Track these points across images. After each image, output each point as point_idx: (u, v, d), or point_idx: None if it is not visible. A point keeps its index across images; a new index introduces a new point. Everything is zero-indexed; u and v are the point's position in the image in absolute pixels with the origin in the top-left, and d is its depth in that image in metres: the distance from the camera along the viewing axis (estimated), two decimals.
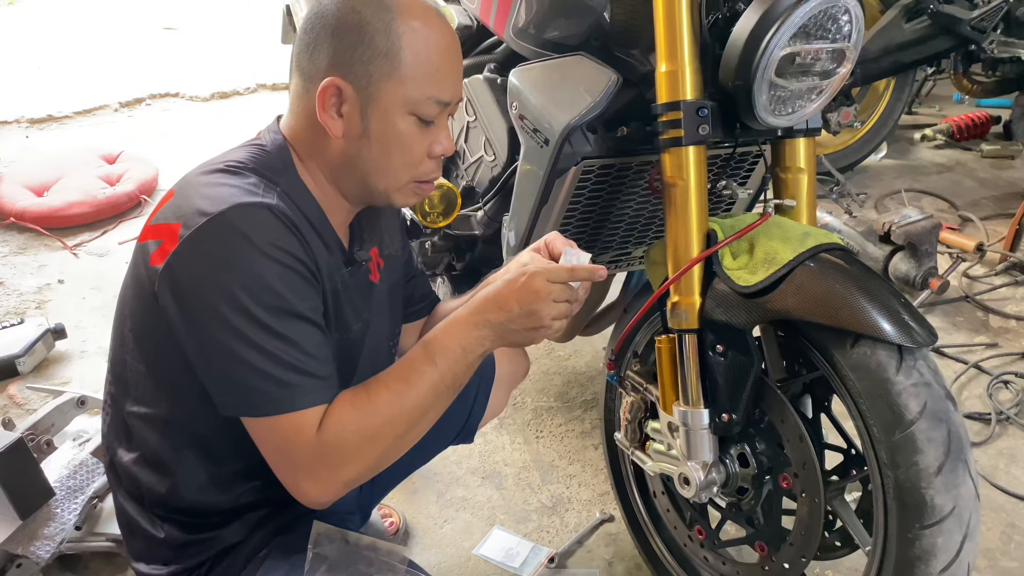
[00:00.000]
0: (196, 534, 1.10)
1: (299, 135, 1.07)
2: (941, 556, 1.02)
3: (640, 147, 1.39)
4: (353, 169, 1.07)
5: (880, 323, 1.03)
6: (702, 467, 1.23)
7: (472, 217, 1.74)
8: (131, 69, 5.34)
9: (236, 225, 0.93)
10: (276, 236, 0.95)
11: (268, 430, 0.96)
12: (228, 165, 1.02)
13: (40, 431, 1.81)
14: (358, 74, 1.00)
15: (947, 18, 2.47)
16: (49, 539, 1.56)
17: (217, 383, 0.96)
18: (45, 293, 2.84)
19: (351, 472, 0.99)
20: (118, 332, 1.08)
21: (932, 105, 4.45)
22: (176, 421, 1.06)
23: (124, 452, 1.10)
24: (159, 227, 0.97)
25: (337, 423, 0.97)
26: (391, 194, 1.10)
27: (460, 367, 1.04)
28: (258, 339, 0.93)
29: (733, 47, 1.12)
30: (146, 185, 3.56)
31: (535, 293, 1.03)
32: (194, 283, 0.93)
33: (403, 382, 1.02)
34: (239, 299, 0.92)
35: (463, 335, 1.04)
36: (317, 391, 0.97)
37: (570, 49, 1.40)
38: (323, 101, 1.01)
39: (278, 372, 0.94)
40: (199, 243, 0.93)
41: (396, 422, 1.01)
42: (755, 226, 1.17)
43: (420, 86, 1.02)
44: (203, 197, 0.96)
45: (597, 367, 2.34)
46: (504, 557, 1.70)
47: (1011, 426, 2.03)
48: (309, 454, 0.96)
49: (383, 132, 1.03)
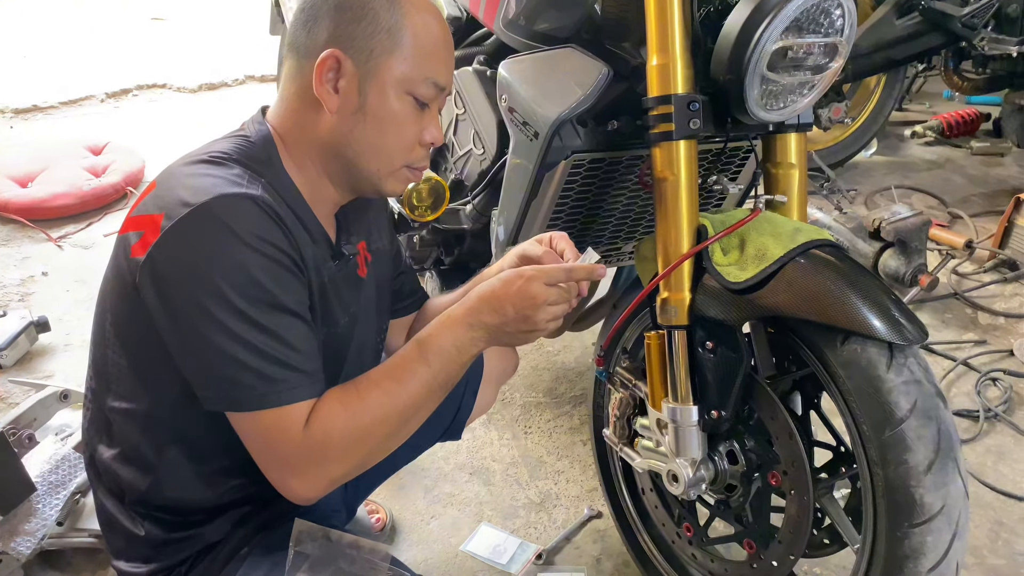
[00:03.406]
0: (177, 532, 1.08)
1: (288, 119, 1.06)
2: (930, 554, 1.02)
3: (630, 141, 1.38)
4: (345, 148, 1.05)
5: (870, 320, 1.02)
6: (691, 464, 1.22)
7: (461, 211, 1.72)
8: (118, 60, 5.30)
9: (219, 216, 0.91)
10: (260, 227, 0.93)
11: (253, 425, 0.95)
12: (211, 156, 1.00)
13: (22, 425, 1.79)
14: (359, 48, 0.99)
15: (938, 15, 2.47)
16: (30, 535, 1.54)
17: (201, 377, 0.95)
18: (28, 285, 2.80)
19: (339, 470, 0.98)
20: (99, 326, 1.06)
21: (922, 102, 4.46)
22: (158, 416, 1.04)
23: (104, 448, 1.08)
24: (141, 218, 0.95)
25: (325, 420, 0.95)
26: (382, 178, 1.09)
27: (453, 367, 1.03)
28: (242, 332, 0.91)
29: (725, 41, 1.10)
30: (132, 177, 3.52)
31: (532, 298, 1.02)
32: (176, 275, 0.91)
33: (395, 381, 1.01)
34: (222, 291, 0.90)
35: (457, 335, 1.03)
36: (303, 386, 0.95)
37: (560, 41, 1.39)
38: (321, 74, 0.99)
39: (263, 366, 0.92)
40: (181, 234, 0.90)
41: (386, 421, 0.99)
42: (746, 222, 1.17)
43: (419, 66, 1.02)
44: (186, 188, 0.94)
45: (586, 363, 2.34)
46: (491, 554, 1.69)
47: (999, 423, 2.04)
48: (296, 451, 0.94)
49: (379, 108, 1.02)
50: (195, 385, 0.96)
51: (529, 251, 1.16)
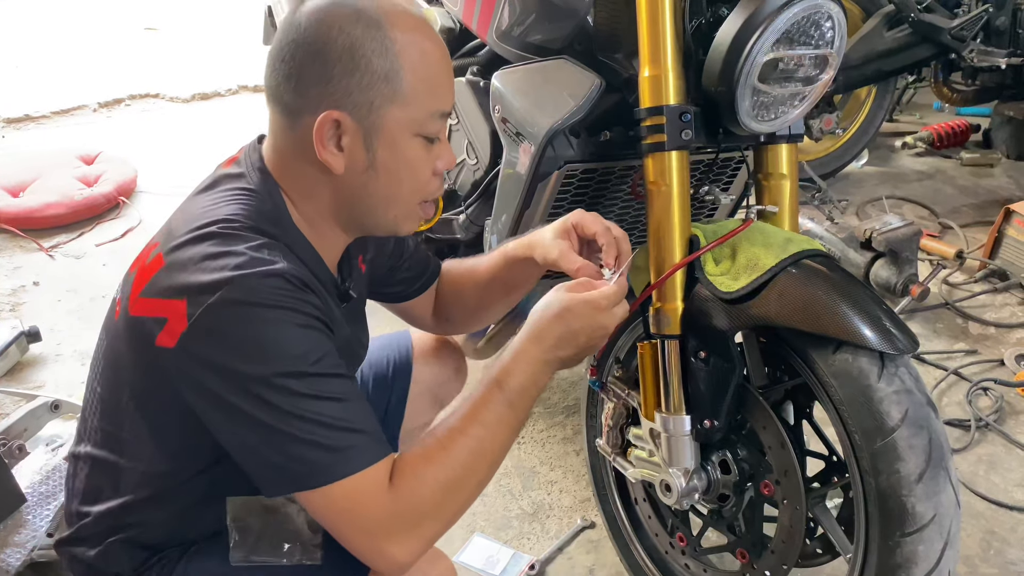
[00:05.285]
0: (145, 563, 1.06)
1: (290, 175, 0.99)
2: (922, 564, 1.02)
3: (623, 152, 1.38)
4: (359, 203, 1.00)
5: (862, 330, 1.03)
6: (684, 474, 1.22)
7: (454, 221, 1.73)
8: (111, 69, 5.29)
9: (249, 299, 0.86)
10: (291, 301, 0.88)
11: (329, 500, 0.88)
12: (223, 227, 0.92)
13: (12, 436, 1.77)
14: (358, 103, 0.92)
15: (928, 27, 2.49)
16: (20, 546, 1.53)
17: (261, 466, 0.89)
18: (20, 295, 2.79)
19: (434, 527, 0.93)
20: (112, 396, 1.01)
21: (913, 113, 4.49)
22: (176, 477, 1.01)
23: (100, 502, 1.04)
24: (158, 303, 0.89)
25: (412, 477, 0.91)
26: (399, 222, 1.04)
27: (531, 402, 1.01)
28: (296, 410, 0.86)
29: (716, 52, 1.11)
30: (124, 187, 3.51)
31: (604, 328, 1.01)
32: (217, 369, 0.86)
33: (480, 425, 0.96)
34: (268, 377, 0.85)
35: (536, 372, 0.99)
36: (371, 447, 0.90)
37: (553, 53, 1.40)
38: (321, 138, 0.92)
39: (325, 438, 0.87)
40: (213, 323, 0.85)
41: (477, 468, 0.96)
42: (737, 232, 1.17)
43: (424, 104, 0.95)
44: (204, 270, 0.87)
45: (579, 372, 2.33)
46: (485, 564, 1.68)
47: (990, 433, 2.04)
48: (384, 514, 0.90)
49: (391, 160, 0.96)
50: (253, 473, 0.91)
51: (587, 227, 1.13)
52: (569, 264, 1.11)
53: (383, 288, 1.33)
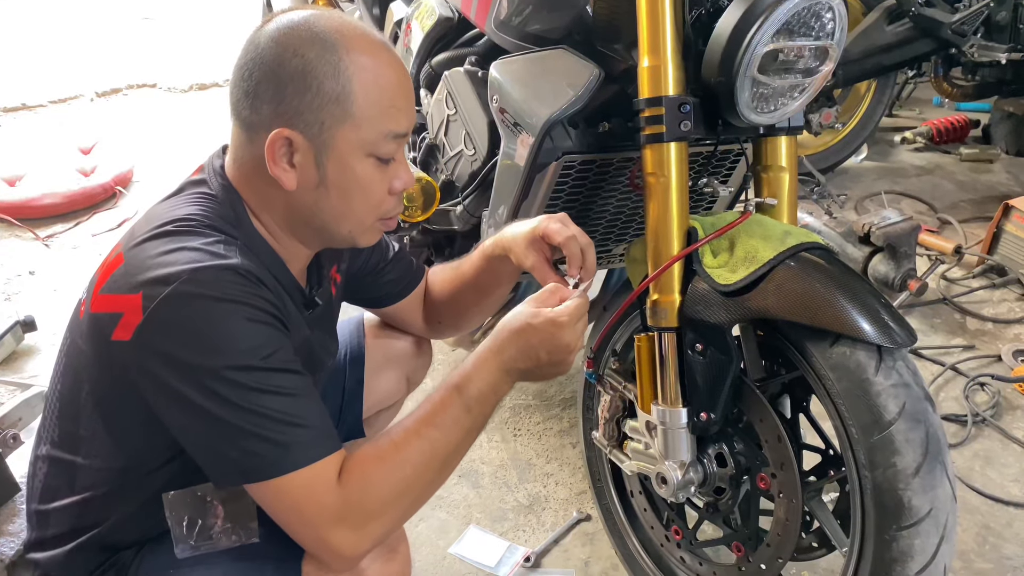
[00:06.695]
0: (103, 566, 1.06)
1: (249, 187, 1.01)
2: (918, 558, 1.02)
3: (621, 143, 1.37)
4: (312, 218, 1.02)
5: (860, 323, 1.02)
6: (680, 466, 1.22)
7: (451, 212, 1.72)
8: (108, 59, 5.28)
9: (202, 292, 0.87)
10: (245, 295, 0.90)
11: (276, 493, 0.90)
12: (180, 225, 0.95)
13: (7, 425, 1.77)
14: (308, 122, 0.94)
15: (928, 21, 2.48)
16: (13, 536, 1.52)
17: (210, 456, 0.91)
18: (15, 285, 2.78)
19: (382, 526, 0.95)
20: (71, 393, 1.02)
21: (912, 108, 4.48)
22: (132, 472, 1.01)
23: (64, 496, 1.05)
24: (115, 298, 0.91)
25: (360, 477, 0.92)
26: (356, 236, 1.06)
27: (489, 408, 1.02)
28: (246, 403, 0.87)
29: (716, 43, 1.10)
30: (121, 177, 3.51)
31: (566, 346, 1.01)
32: (168, 360, 0.87)
33: (435, 428, 0.98)
34: (218, 369, 0.87)
35: (494, 378, 1.01)
36: (318, 443, 0.91)
37: (552, 43, 1.39)
38: (272, 154, 0.95)
39: (272, 432, 0.88)
40: (166, 315, 0.87)
41: (427, 470, 0.97)
42: (736, 224, 1.17)
43: (376, 125, 0.97)
44: (160, 264, 0.89)
45: (576, 365, 2.33)
46: (480, 556, 1.68)
47: (987, 428, 2.04)
48: (329, 510, 0.91)
49: (341, 179, 0.98)
50: (204, 464, 0.92)
51: (553, 237, 1.14)
52: (540, 277, 1.16)
53: (369, 294, 1.36)
